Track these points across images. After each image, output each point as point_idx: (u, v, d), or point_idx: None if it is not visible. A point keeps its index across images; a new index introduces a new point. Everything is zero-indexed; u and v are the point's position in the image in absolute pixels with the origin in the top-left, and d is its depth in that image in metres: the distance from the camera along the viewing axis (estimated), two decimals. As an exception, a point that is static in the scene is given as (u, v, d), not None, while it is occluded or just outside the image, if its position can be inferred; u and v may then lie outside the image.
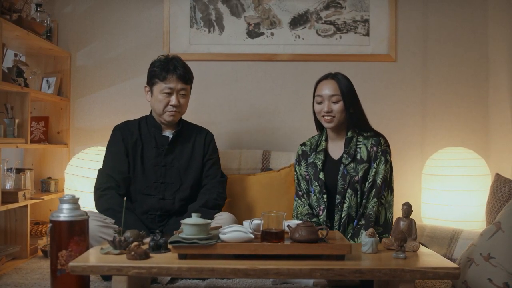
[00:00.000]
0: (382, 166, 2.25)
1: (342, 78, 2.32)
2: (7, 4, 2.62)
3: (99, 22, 3.34)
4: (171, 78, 2.39)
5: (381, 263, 1.72)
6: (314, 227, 1.79)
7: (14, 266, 2.57)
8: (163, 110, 2.43)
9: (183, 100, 2.45)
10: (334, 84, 2.30)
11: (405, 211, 1.90)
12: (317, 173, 2.31)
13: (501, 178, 2.52)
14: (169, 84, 2.39)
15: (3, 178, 2.72)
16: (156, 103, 2.43)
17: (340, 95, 2.27)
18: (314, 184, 2.31)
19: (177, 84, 2.40)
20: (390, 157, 2.31)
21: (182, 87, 2.42)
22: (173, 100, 2.40)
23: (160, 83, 2.40)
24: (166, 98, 2.41)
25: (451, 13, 3.29)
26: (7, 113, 2.68)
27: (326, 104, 2.29)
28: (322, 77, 2.36)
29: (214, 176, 2.51)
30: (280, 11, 3.29)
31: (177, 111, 2.44)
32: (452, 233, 2.67)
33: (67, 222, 1.81)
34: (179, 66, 2.41)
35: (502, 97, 3.07)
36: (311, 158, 2.37)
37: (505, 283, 1.84)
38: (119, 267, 1.66)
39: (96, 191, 2.41)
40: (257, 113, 3.32)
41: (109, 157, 2.49)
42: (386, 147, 2.31)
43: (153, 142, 2.48)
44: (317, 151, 2.37)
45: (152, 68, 2.45)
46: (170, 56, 2.47)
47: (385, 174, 2.25)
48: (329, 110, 2.28)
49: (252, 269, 1.64)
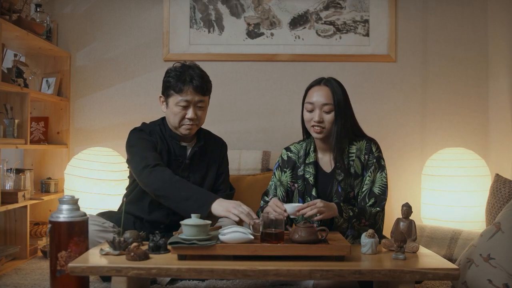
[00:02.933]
0: (378, 174, 2.14)
1: (335, 85, 2.13)
2: (7, 4, 2.62)
3: (99, 22, 3.34)
4: (187, 90, 2.21)
5: (380, 264, 1.71)
6: (314, 228, 1.79)
7: (14, 266, 2.57)
8: (179, 124, 2.27)
9: (200, 113, 2.28)
10: (327, 92, 2.12)
11: (405, 212, 1.90)
12: (310, 189, 2.17)
13: (501, 178, 2.51)
14: (186, 97, 2.22)
15: (3, 179, 2.72)
16: (172, 116, 2.27)
17: (333, 105, 2.09)
18: (307, 199, 2.17)
19: (194, 96, 2.23)
20: (384, 162, 2.19)
21: (200, 99, 2.25)
22: (190, 113, 2.24)
23: (175, 95, 2.23)
24: (182, 111, 2.24)
25: (451, 13, 3.29)
26: (6, 113, 2.68)
27: (317, 113, 2.10)
28: (314, 82, 2.19)
29: (224, 190, 2.42)
30: (280, 12, 3.29)
31: (194, 124, 2.27)
32: (452, 234, 2.67)
33: (67, 222, 1.80)
34: (195, 76, 2.23)
35: (502, 97, 3.07)
36: (300, 170, 2.21)
37: (505, 284, 1.84)
38: (119, 268, 1.66)
39: (144, 168, 2.17)
40: (257, 113, 3.32)
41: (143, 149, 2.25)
42: (379, 153, 2.17)
43: (173, 153, 2.33)
44: (306, 163, 2.19)
45: (167, 78, 2.28)
46: (187, 64, 2.29)
47: (382, 183, 2.13)
48: (320, 120, 2.10)
49: (252, 270, 1.64)
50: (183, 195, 2.10)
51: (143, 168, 2.18)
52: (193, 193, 2.11)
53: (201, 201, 2.08)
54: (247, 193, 2.82)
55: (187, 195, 2.10)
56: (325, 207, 1.97)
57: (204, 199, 2.10)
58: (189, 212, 1.92)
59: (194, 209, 2.02)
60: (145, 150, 2.26)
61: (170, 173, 2.18)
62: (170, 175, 2.16)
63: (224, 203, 2.07)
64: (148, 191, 2.22)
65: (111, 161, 2.99)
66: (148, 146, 2.28)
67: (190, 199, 2.09)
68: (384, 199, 2.14)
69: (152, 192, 2.19)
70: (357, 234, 2.08)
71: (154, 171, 2.16)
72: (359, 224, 2.08)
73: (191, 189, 2.14)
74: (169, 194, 2.13)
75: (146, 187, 2.21)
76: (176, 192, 2.12)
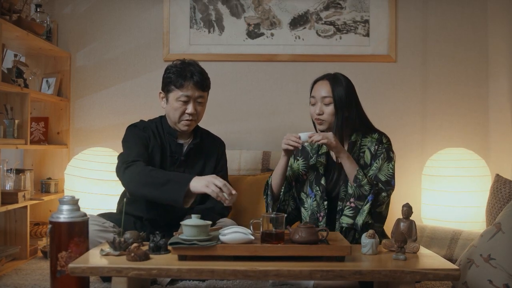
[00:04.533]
0: (386, 163, 2.16)
1: (337, 79, 2.21)
2: (7, 4, 2.62)
3: (99, 22, 3.34)
4: (187, 85, 2.26)
5: (381, 265, 1.71)
6: (314, 228, 1.79)
7: (14, 267, 2.57)
8: (179, 119, 2.31)
9: (200, 108, 2.33)
10: (327, 86, 2.19)
11: (405, 212, 1.90)
12: (319, 178, 2.23)
13: (501, 179, 2.51)
14: (186, 92, 2.26)
15: (3, 179, 2.72)
16: (172, 111, 2.31)
17: (332, 97, 2.16)
18: (315, 188, 2.23)
19: (194, 91, 2.28)
20: (394, 155, 2.22)
21: (200, 94, 2.30)
22: (190, 108, 2.28)
23: (176, 90, 2.28)
24: (182, 106, 2.28)
25: (451, 13, 3.29)
26: (6, 113, 2.68)
27: (318, 106, 2.20)
28: (318, 77, 2.28)
29: None
30: (280, 12, 3.29)
31: (193, 119, 2.32)
32: (452, 234, 2.67)
33: (67, 223, 1.80)
34: (196, 72, 2.29)
35: (502, 97, 3.07)
36: (312, 160, 2.28)
37: (505, 284, 1.84)
38: (119, 269, 1.66)
39: (120, 167, 2.20)
40: (257, 114, 3.32)
41: (132, 145, 2.29)
42: (389, 145, 2.21)
43: (168, 150, 2.37)
44: (319, 154, 2.27)
45: (167, 74, 2.32)
46: (187, 61, 2.33)
47: (389, 172, 2.15)
48: (320, 113, 2.19)
49: (252, 271, 1.64)
50: (160, 181, 2.08)
51: (120, 166, 2.20)
52: (170, 177, 2.10)
53: (179, 183, 2.07)
54: (247, 193, 2.82)
55: (164, 180, 2.09)
56: (335, 141, 2.09)
57: (181, 180, 2.08)
58: (169, 196, 1.99)
59: (174, 190, 2.02)
60: (132, 147, 2.28)
61: (144, 166, 2.17)
62: (143, 167, 2.15)
63: (202, 179, 2.04)
64: (126, 188, 2.21)
65: (111, 161, 2.98)
66: (137, 142, 2.30)
67: (168, 183, 2.07)
68: (390, 187, 2.13)
69: (129, 188, 2.18)
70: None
71: (129, 168, 2.16)
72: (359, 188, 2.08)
73: (167, 174, 2.14)
74: (146, 184, 2.11)
75: (123, 185, 2.22)
76: (153, 180, 2.10)
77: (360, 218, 2.07)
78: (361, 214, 2.07)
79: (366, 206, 2.07)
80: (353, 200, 2.10)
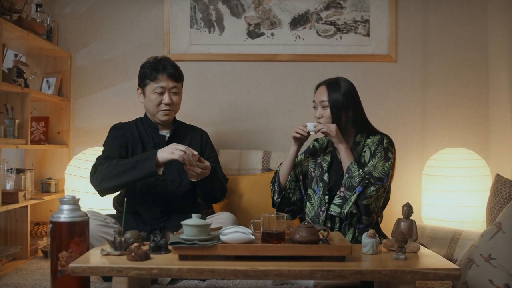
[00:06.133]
0: (382, 162, 2.19)
1: (334, 84, 2.29)
2: (7, 4, 2.62)
3: (99, 22, 3.34)
4: (161, 77, 2.41)
5: (381, 264, 1.72)
6: (314, 228, 1.80)
7: (14, 266, 2.57)
8: (157, 109, 2.45)
9: (175, 98, 2.47)
10: (324, 90, 2.29)
11: (406, 212, 1.90)
12: (322, 174, 2.32)
13: (502, 178, 2.52)
14: (161, 83, 2.42)
15: (3, 179, 2.72)
16: (149, 103, 2.46)
17: (327, 101, 2.26)
18: (319, 184, 2.31)
19: (168, 82, 2.42)
20: (393, 156, 2.24)
21: (174, 85, 2.44)
22: (166, 99, 2.42)
23: (151, 83, 2.43)
24: (158, 97, 2.43)
25: (451, 13, 3.29)
26: (7, 113, 2.68)
27: (318, 110, 2.31)
28: (320, 83, 2.36)
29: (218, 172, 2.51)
30: (280, 12, 3.29)
31: (171, 109, 2.46)
32: (453, 234, 2.67)
33: (67, 223, 1.80)
34: (168, 65, 2.44)
35: (502, 97, 3.08)
36: (319, 158, 2.38)
37: (506, 284, 1.84)
38: (120, 268, 1.66)
39: (91, 175, 2.32)
40: (257, 113, 3.32)
41: (107, 148, 2.44)
42: (389, 146, 2.25)
43: (151, 142, 2.50)
44: (326, 153, 2.37)
45: (142, 70, 2.48)
46: (159, 57, 2.49)
47: (383, 171, 2.17)
48: (320, 116, 2.30)
49: (253, 270, 1.64)
50: (129, 166, 2.21)
51: (91, 174, 2.31)
52: (136, 159, 2.24)
53: (147, 159, 2.19)
54: (247, 193, 2.83)
55: (132, 163, 2.21)
56: (336, 132, 2.20)
57: (148, 156, 2.22)
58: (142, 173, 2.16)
59: (144, 167, 2.17)
60: (104, 151, 2.43)
61: (110, 162, 2.28)
62: (109, 164, 2.28)
63: (165, 148, 2.20)
64: (100, 189, 2.30)
65: (112, 161, 2.99)
66: (111, 143, 2.45)
67: (137, 164, 2.20)
68: (380, 183, 2.14)
69: (102, 186, 2.27)
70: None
71: (96, 171, 2.29)
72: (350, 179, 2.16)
73: (133, 158, 2.28)
74: (117, 175, 2.22)
75: (96, 188, 2.30)
76: (121, 168, 2.22)
77: (346, 207, 2.14)
78: (347, 204, 2.14)
79: (353, 197, 2.14)
80: (343, 189, 2.19)
